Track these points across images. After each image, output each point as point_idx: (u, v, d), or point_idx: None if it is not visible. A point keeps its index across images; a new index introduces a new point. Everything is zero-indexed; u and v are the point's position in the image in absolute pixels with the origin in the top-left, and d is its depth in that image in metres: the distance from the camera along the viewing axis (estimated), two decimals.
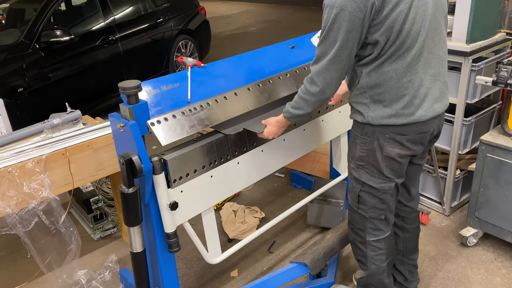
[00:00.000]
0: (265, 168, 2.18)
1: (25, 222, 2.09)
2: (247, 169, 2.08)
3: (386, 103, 1.67)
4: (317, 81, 1.68)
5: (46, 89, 4.11)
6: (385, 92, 1.66)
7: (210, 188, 1.94)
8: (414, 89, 1.65)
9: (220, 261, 2.09)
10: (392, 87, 1.64)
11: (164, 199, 1.75)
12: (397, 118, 1.68)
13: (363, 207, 1.89)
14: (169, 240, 1.83)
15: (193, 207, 1.91)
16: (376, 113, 1.69)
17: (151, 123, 1.73)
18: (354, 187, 1.88)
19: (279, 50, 2.34)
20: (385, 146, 1.73)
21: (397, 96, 1.65)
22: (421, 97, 1.67)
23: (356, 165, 1.83)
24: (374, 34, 1.58)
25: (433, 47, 1.68)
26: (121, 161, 1.61)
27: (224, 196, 2.05)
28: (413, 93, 1.65)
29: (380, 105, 1.69)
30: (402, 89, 1.64)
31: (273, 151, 2.18)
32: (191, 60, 2.00)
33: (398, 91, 1.65)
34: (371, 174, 1.80)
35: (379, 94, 1.67)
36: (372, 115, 1.70)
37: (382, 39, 1.58)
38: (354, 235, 2.01)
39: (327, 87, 1.68)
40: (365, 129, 1.75)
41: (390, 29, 1.56)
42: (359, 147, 1.80)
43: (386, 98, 1.67)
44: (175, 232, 1.82)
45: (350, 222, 2.01)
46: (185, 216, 1.88)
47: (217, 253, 2.08)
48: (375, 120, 1.70)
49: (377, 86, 1.66)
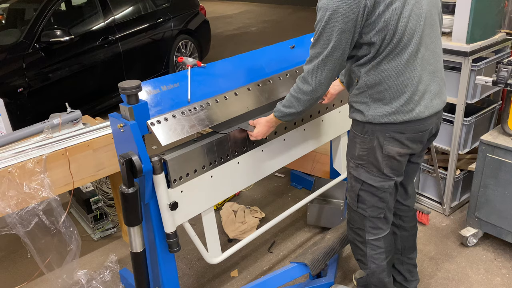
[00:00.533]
0: (265, 168, 2.18)
1: (25, 222, 2.09)
2: (247, 169, 2.08)
3: (386, 101, 1.68)
4: (309, 80, 1.70)
5: (46, 89, 4.11)
6: (385, 90, 1.67)
7: (210, 188, 1.94)
8: (414, 86, 1.67)
9: (220, 261, 2.10)
10: (391, 85, 1.65)
11: (164, 199, 1.75)
12: (397, 115, 1.68)
13: (362, 206, 1.89)
14: (169, 240, 1.83)
15: (193, 207, 1.91)
16: (377, 111, 1.70)
17: (151, 123, 1.73)
18: (354, 186, 1.89)
19: (279, 50, 2.34)
20: (385, 144, 1.74)
21: (397, 93, 1.66)
22: (420, 93, 1.69)
23: (355, 164, 1.84)
24: (369, 34, 1.60)
25: (430, 44, 1.69)
26: (121, 161, 1.61)
27: (224, 196, 2.05)
28: (412, 90, 1.67)
29: (380, 103, 1.69)
30: (402, 86, 1.65)
31: (273, 151, 2.18)
32: (191, 60, 2.01)
33: (398, 88, 1.66)
34: (370, 173, 1.81)
35: (379, 93, 1.68)
36: (373, 114, 1.71)
37: (378, 39, 1.59)
38: (353, 235, 2.01)
39: (319, 86, 1.70)
40: (365, 128, 1.76)
41: (384, 28, 1.57)
42: (358, 146, 1.80)
43: (386, 96, 1.68)
44: (175, 232, 1.82)
45: (349, 222, 2.01)
46: (185, 216, 1.88)
47: (217, 253, 2.08)
48: (375, 118, 1.71)
49: (377, 84, 1.67)
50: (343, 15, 1.55)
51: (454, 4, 2.53)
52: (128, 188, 1.65)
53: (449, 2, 2.61)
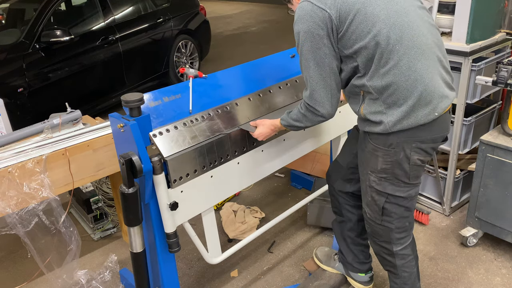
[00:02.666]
0: (265, 168, 2.18)
1: (25, 222, 2.09)
2: (248, 169, 2.08)
3: (401, 101, 1.63)
4: (311, 105, 1.73)
5: (46, 89, 4.11)
6: (396, 91, 1.62)
7: (210, 188, 1.94)
8: (424, 79, 1.62)
9: (220, 261, 2.10)
10: (400, 84, 1.61)
11: (164, 199, 1.75)
12: (417, 113, 1.63)
13: (388, 219, 1.84)
14: (169, 240, 1.83)
15: (193, 207, 1.91)
16: (395, 116, 1.64)
17: (153, 135, 1.74)
18: (377, 200, 1.82)
19: (279, 59, 2.36)
20: (412, 155, 1.70)
21: (409, 90, 1.61)
22: (433, 86, 1.64)
23: (378, 178, 1.78)
24: (348, 44, 1.62)
25: (426, 35, 1.65)
26: (121, 161, 1.61)
27: (225, 196, 2.05)
28: (424, 82, 1.62)
29: (395, 106, 1.64)
30: (411, 81, 1.61)
31: (273, 151, 2.18)
32: (192, 71, 2.02)
33: (408, 84, 1.61)
34: (396, 184, 1.76)
35: (391, 95, 1.63)
36: (392, 120, 1.65)
37: (361, 45, 1.60)
38: (378, 248, 1.96)
39: (323, 107, 1.72)
40: (389, 141, 1.70)
41: (362, 33, 1.59)
42: (381, 159, 1.74)
43: (399, 97, 1.62)
44: (175, 232, 1.82)
45: (373, 236, 1.95)
46: (185, 216, 1.88)
47: (217, 253, 2.08)
48: (396, 125, 1.65)
49: (386, 88, 1.63)
50: (312, 33, 1.61)
51: (454, 4, 2.53)
52: (128, 188, 1.65)
53: (449, 2, 2.61)
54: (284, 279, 2.47)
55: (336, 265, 2.38)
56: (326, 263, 2.42)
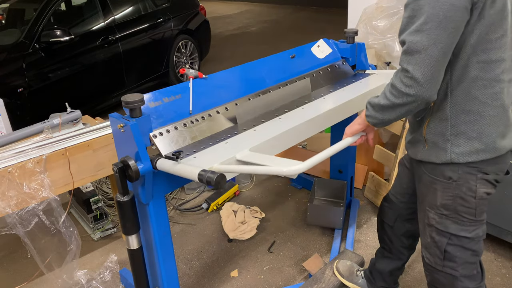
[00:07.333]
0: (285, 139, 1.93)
1: (25, 222, 2.09)
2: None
3: (474, 134, 1.39)
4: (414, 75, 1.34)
5: (46, 89, 4.12)
6: (475, 121, 1.38)
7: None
8: (506, 109, 1.38)
9: (301, 170, 1.48)
10: (484, 111, 1.37)
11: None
12: (489, 152, 1.42)
13: (451, 264, 1.58)
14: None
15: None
16: (462, 148, 1.42)
17: (153, 135, 1.75)
18: (438, 241, 1.58)
19: (279, 60, 2.36)
20: (478, 188, 1.47)
21: (490, 124, 1.38)
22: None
23: (439, 215, 1.55)
24: None
25: None
26: (114, 169, 1.61)
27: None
28: (506, 116, 1.39)
29: (463, 136, 1.41)
30: (497, 111, 1.37)
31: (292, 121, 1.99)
32: (192, 71, 2.03)
33: (492, 115, 1.37)
34: (460, 223, 1.52)
35: (466, 123, 1.38)
36: (457, 151, 1.42)
37: None
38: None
39: None
40: (447, 173, 1.48)
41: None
42: (440, 193, 1.52)
43: (474, 128, 1.38)
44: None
45: (433, 285, 1.70)
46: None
47: (291, 163, 1.52)
48: (461, 157, 1.43)
49: (465, 111, 1.39)
50: None
51: None
52: (123, 196, 1.66)
53: None
54: (284, 279, 2.47)
55: (359, 281, 2.23)
56: (348, 279, 2.26)
